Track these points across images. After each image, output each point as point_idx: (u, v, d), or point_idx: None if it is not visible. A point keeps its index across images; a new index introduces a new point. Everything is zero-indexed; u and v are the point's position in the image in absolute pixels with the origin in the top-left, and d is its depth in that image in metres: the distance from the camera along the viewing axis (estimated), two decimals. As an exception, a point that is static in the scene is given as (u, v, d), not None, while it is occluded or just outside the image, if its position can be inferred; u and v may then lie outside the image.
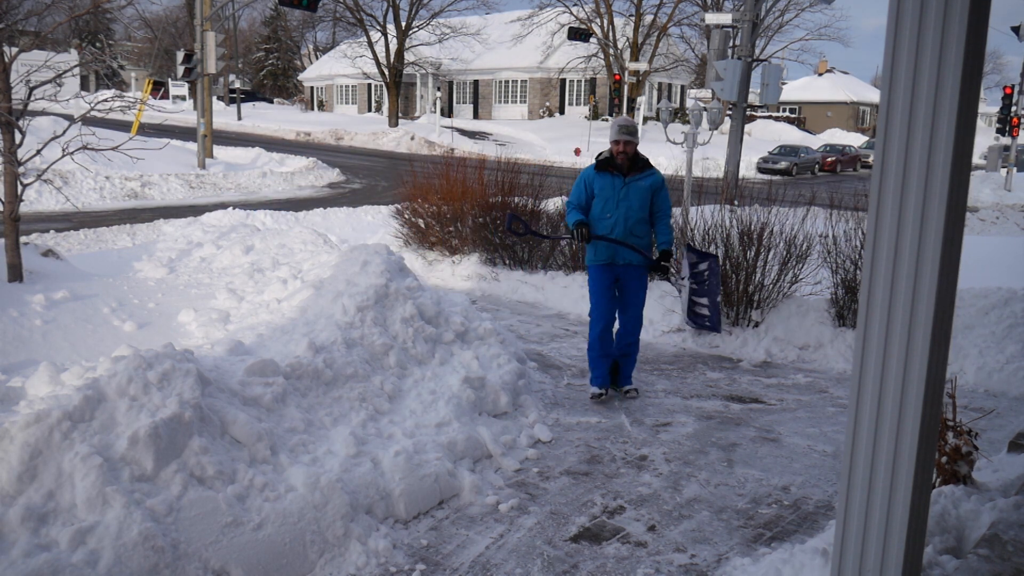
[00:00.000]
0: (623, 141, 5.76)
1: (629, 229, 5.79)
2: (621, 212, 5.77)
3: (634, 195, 5.79)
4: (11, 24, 9.23)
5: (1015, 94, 28.96)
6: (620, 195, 5.78)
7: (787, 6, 40.81)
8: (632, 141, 5.80)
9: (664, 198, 5.91)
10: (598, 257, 5.88)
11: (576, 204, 5.89)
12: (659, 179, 5.92)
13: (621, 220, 5.78)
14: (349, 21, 45.96)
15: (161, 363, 4.01)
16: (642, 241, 5.89)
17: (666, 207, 5.93)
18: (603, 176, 5.84)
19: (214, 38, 22.81)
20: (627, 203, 5.77)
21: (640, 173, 5.84)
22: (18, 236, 7.29)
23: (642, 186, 5.82)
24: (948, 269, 2.05)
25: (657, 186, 5.89)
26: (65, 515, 3.31)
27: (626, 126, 5.83)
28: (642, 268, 5.92)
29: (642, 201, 5.82)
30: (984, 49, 2.03)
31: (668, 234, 5.92)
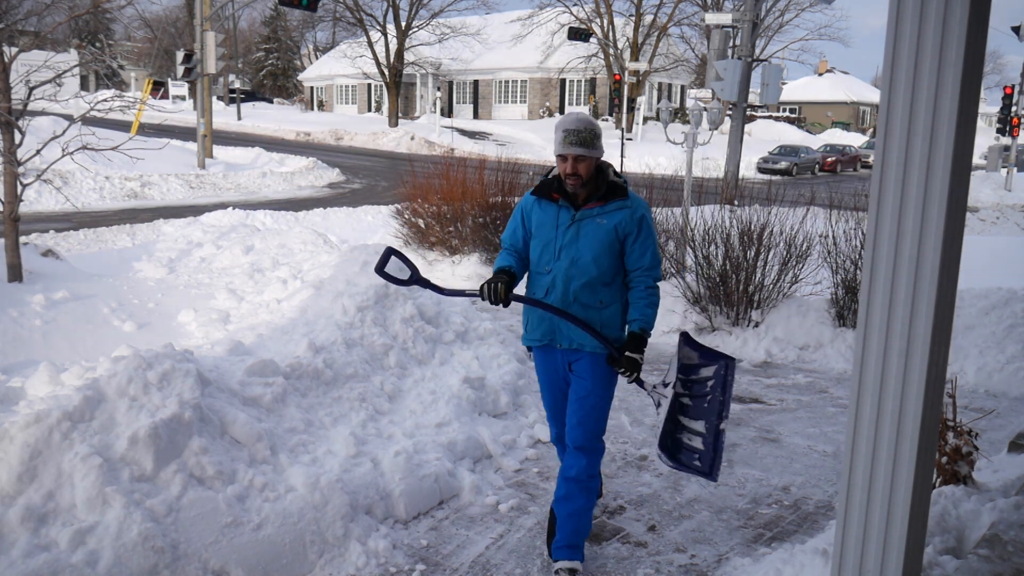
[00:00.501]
0: (572, 157, 3.48)
1: (573, 293, 3.56)
2: (563, 265, 3.55)
3: (587, 240, 3.54)
4: (11, 24, 9.23)
5: (1015, 94, 28.97)
6: (564, 238, 3.56)
7: (787, 6, 40.83)
8: (587, 156, 3.48)
9: (646, 245, 3.61)
10: (531, 334, 3.75)
11: (511, 246, 3.78)
12: (638, 214, 3.58)
13: (561, 278, 3.55)
14: (349, 21, 45.97)
15: (161, 363, 4.00)
16: (597, 314, 3.60)
17: (648, 261, 3.62)
18: (544, 207, 3.64)
19: (214, 38, 22.81)
20: (573, 252, 3.55)
21: (602, 205, 3.56)
22: (18, 236, 7.29)
23: (602, 226, 3.54)
24: (948, 269, 2.05)
25: (630, 227, 3.56)
26: (65, 515, 3.31)
27: (577, 131, 3.48)
28: (599, 357, 3.64)
29: (600, 250, 3.53)
30: (984, 49, 2.03)
31: (647, 308, 3.61)
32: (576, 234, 3.58)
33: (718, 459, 3.57)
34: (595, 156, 3.53)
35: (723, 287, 7.76)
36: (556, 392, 3.85)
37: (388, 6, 41.81)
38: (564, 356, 3.72)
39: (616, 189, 3.61)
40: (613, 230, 3.55)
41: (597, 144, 3.54)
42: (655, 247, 3.65)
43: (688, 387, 3.71)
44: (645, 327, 3.60)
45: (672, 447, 3.65)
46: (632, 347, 3.55)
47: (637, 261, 3.62)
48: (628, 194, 3.60)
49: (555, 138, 3.56)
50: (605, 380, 3.71)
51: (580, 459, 3.68)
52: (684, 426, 3.70)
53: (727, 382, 3.62)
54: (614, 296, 3.65)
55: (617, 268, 3.61)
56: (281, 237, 9.74)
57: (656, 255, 3.65)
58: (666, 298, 8.17)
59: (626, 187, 3.62)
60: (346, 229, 14.25)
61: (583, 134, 3.49)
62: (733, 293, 7.71)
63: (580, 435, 3.68)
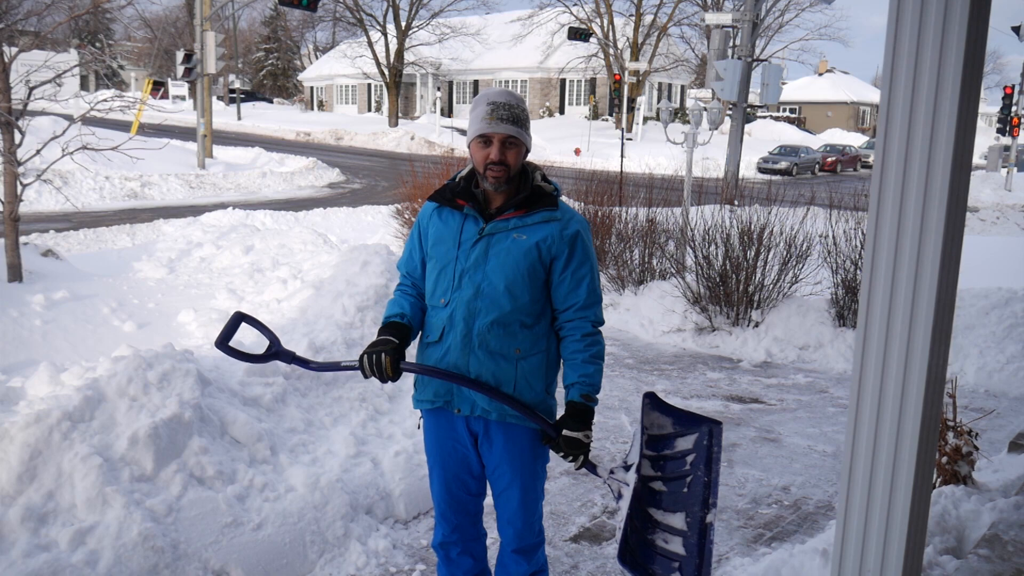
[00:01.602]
0: (500, 139, 2.56)
1: (478, 336, 2.59)
2: (464, 296, 2.61)
3: (499, 261, 2.59)
4: (11, 24, 9.24)
5: (1015, 94, 28.98)
6: (468, 259, 2.62)
7: (787, 6, 40.83)
8: (519, 140, 2.59)
9: (580, 274, 2.63)
10: (420, 393, 2.77)
11: (406, 275, 2.83)
12: (570, 230, 2.62)
13: (461, 313, 2.60)
14: (349, 21, 45.99)
15: (161, 363, 4.00)
16: (511, 367, 2.61)
17: (583, 296, 2.63)
18: (445, 218, 2.70)
19: (214, 38, 22.81)
20: (479, 277, 2.60)
21: (522, 215, 2.62)
22: (18, 236, 7.29)
23: (519, 243, 2.60)
24: (948, 269, 2.05)
25: (558, 248, 2.61)
26: (65, 515, 3.31)
27: (508, 104, 2.58)
28: (515, 429, 2.68)
29: (516, 275, 2.59)
30: (984, 49, 2.03)
31: (586, 364, 2.62)
32: (484, 253, 2.58)
33: (706, 566, 2.48)
34: (526, 144, 2.62)
35: (723, 287, 7.77)
36: (450, 476, 2.78)
37: (388, 6, 41.85)
38: (465, 426, 2.69)
39: (542, 196, 2.64)
40: (535, 249, 2.57)
41: (528, 128, 2.62)
42: (593, 278, 2.64)
43: (659, 467, 2.63)
44: (589, 393, 2.57)
45: (641, 555, 2.54)
46: (573, 422, 2.52)
47: (568, 296, 2.60)
48: (559, 203, 2.65)
49: (473, 116, 2.61)
50: (528, 459, 2.69)
51: (520, 564, 2.80)
52: (657, 522, 2.59)
53: (712, 455, 2.55)
54: (536, 343, 2.62)
55: (542, 303, 2.63)
56: (281, 237, 9.74)
57: (595, 289, 2.64)
58: (666, 298, 8.18)
59: (556, 195, 2.68)
60: (346, 229, 14.25)
61: (515, 109, 2.57)
62: (733, 293, 7.72)
63: (512, 535, 2.79)
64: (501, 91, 2.63)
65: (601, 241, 9.40)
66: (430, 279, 2.70)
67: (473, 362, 2.58)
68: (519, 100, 2.63)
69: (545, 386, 2.68)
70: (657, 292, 8.39)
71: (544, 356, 2.66)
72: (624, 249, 9.09)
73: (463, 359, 2.58)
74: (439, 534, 2.90)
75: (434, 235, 2.70)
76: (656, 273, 8.83)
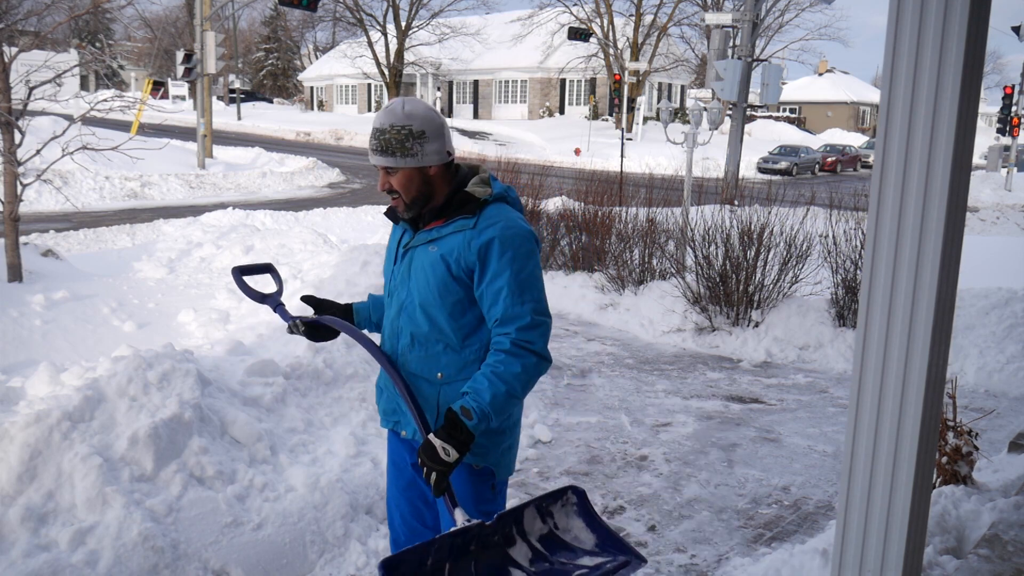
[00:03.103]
0: (380, 167, 2.38)
1: (401, 357, 2.47)
2: (391, 314, 2.52)
3: (418, 277, 2.43)
4: (11, 24, 9.24)
5: (1015, 94, 28.98)
6: (397, 276, 2.52)
7: (787, 6, 40.84)
8: (397, 168, 2.35)
9: (498, 285, 2.31)
10: (380, 408, 2.62)
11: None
12: (482, 238, 2.32)
13: (388, 332, 2.53)
14: (349, 21, 46.00)
15: (161, 363, 4.01)
16: (433, 391, 2.43)
17: (500, 309, 2.31)
18: (396, 231, 2.60)
19: (214, 38, 22.81)
20: (403, 294, 2.47)
21: (441, 224, 2.40)
22: (18, 236, 7.29)
23: (431, 256, 2.39)
24: (948, 269, 2.05)
25: (468, 258, 2.34)
26: (65, 515, 3.31)
27: (380, 130, 2.34)
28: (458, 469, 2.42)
29: (429, 293, 2.39)
30: (984, 49, 2.03)
31: (483, 378, 2.28)
32: (408, 268, 2.43)
33: None
34: (413, 167, 2.32)
35: (723, 287, 7.77)
36: (403, 501, 2.59)
37: (388, 6, 41.87)
38: (413, 452, 2.50)
39: (465, 203, 2.36)
40: (440, 263, 2.34)
41: (412, 149, 2.30)
42: (517, 287, 2.28)
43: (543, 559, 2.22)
44: (471, 407, 2.21)
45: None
46: (441, 430, 2.20)
47: (489, 312, 2.33)
48: (482, 210, 2.35)
49: None
50: (466, 503, 2.37)
51: None
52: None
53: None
54: (464, 369, 2.37)
55: (472, 325, 2.38)
56: (281, 237, 9.74)
57: (519, 301, 2.28)
58: (666, 298, 8.18)
59: (483, 199, 2.36)
60: (346, 229, 14.25)
61: (387, 135, 2.31)
62: (733, 293, 7.72)
63: None
64: (387, 111, 2.34)
65: (601, 241, 9.40)
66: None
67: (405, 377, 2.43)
68: (396, 119, 2.31)
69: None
70: (657, 292, 8.39)
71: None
72: (624, 249, 9.09)
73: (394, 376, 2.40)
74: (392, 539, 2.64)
75: (387, 254, 2.61)
76: (656, 273, 8.83)
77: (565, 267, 9.75)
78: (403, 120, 2.32)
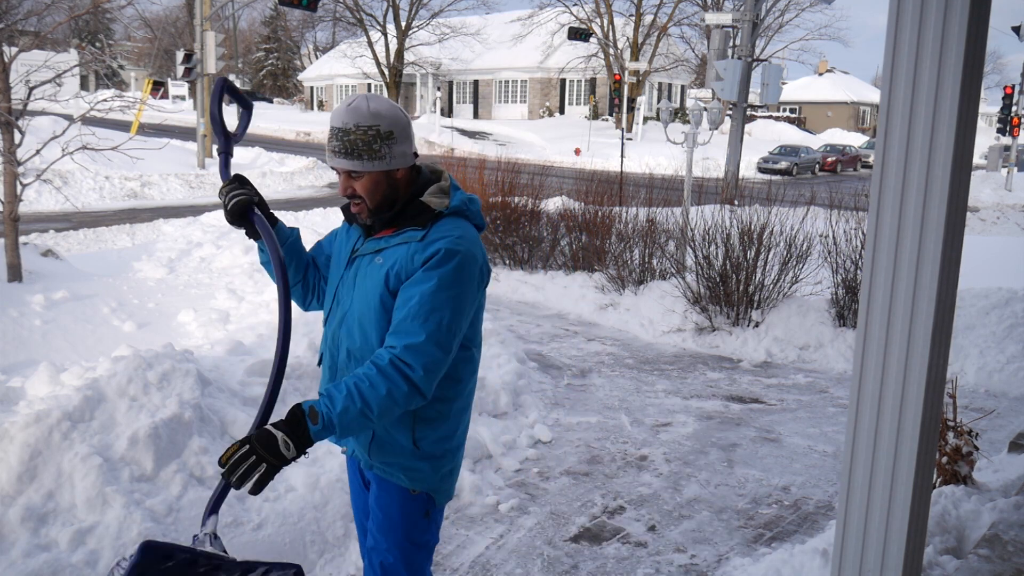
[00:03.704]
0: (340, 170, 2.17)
1: (340, 370, 2.32)
2: (332, 324, 2.34)
3: (361, 289, 2.25)
4: (11, 24, 9.24)
5: (1015, 94, 28.98)
6: (343, 283, 2.33)
7: (787, 6, 40.80)
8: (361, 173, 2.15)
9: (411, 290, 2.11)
10: None
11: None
12: (428, 250, 2.12)
13: (328, 343, 2.35)
14: (349, 21, 45.99)
15: (161, 363, 4.01)
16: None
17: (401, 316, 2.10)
18: (350, 234, 2.40)
19: (214, 38, 22.81)
20: (346, 304, 2.29)
21: (390, 234, 2.22)
22: (18, 236, 7.29)
23: (376, 269, 2.22)
24: (948, 269, 2.05)
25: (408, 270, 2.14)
26: (65, 515, 3.31)
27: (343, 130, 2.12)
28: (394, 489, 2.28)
29: (367, 307, 2.22)
30: (984, 49, 2.03)
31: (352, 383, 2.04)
32: (354, 277, 2.25)
33: None
34: (380, 171, 2.12)
35: (723, 287, 7.77)
36: (358, 525, 2.51)
37: (388, 6, 41.86)
38: (358, 468, 2.42)
39: (419, 213, 2.16)
40: (384, 279, 2.14)
41: (380, 152, 2.10)
42: (429, 303, 2.06)
43: None
44: (321, 411, 2.01)
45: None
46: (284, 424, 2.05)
47: (393, 317, 2.13)
48: (435, 223, 2.15)
49: None
50: (396, 528, 2.26)
51: None
52: None
53: None
54: None
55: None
56: (281, 237, 9.73)
57: (422, 318, 2.06)
58: (666, 298, 8.18)
59: (439, 211, 2.16)
60: (346, 229, 14.24)
61: (350, 136, 2.09)
62: (733, 293, 7.72)
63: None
64: (350, 109, 2.09)
65: (601, 241, 9.40)
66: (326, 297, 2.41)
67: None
68: (360, 117, 2.08)
69: (413, 440, 2.20)
70: (657, 292, 8.39)
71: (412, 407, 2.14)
72: (624, 249, 9.09)
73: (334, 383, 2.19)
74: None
75: (335, 252, 2.40)
76: (656, 273, 8.83)
77: (565, 267, 9.75)
78: (369, 120, 2.09)
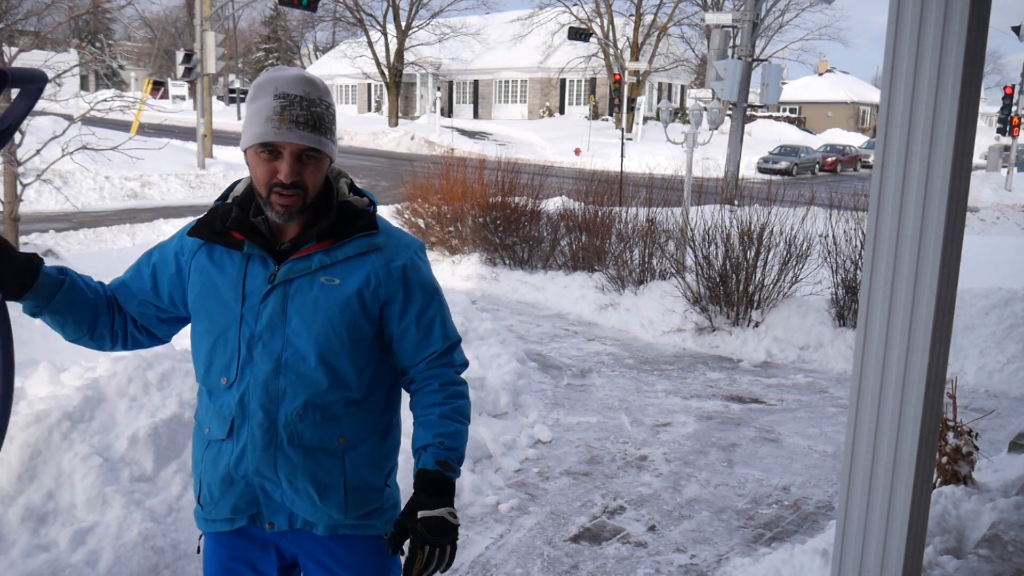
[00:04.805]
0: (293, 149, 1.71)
1: (287, 428, 1.79)
2: (261, 372, 1.78)
3: (305, 317, 1.78)
4: (11, 24, 9.24)
5: (1015, 94, 28.98)
6: (260, 319, 1.79)
7: (787, 6, 40.81)
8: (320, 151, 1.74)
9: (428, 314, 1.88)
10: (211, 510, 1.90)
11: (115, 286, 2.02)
12: (399, 260, 1.84)
13: (258, 398, 1.79)
14: (349, 21, 45.98)
15: (161, 363, 4.01)
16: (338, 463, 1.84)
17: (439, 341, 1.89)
18: (218, 260, 1.83)
19: (214, 38, 22.81)
20: (279, 344, 1.79)
21: (329, 247, 1.80)
22: (18, 236, 7.29)
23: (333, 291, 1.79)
24: (949, 269, 2.05)
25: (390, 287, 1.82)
26: (65, 515, 3.31)
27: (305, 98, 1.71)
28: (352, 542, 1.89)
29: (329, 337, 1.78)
30: (984, 49, 2.03)
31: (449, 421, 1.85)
32: (281, 308, 1.79)
33: None
34: (330, 156, 1.80)
35: (723, 287, 7.77)
36: None
37: (388, 6, 41.84)
38: (275, 551, 1.91)
39: (355, 216, 1.84)
40: (356, 300, 1.79)
41: (334, 132, 1.81)
42: (444, 316, 1.92)
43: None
44: (449, 460, 1.82)
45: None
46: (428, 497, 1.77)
47: (419, 348, 1.89)
48: (378, 223, 1.86)
49: (253, 110, 1.74)
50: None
51: None
52: None
53: None
54: (369, 424, 1.88)
55: (374, 368, 1.88)
56: (281, 237, 9.73)
57: (449, 330, 1.92)
58: (666, 298, 8.18)
59: (372, 211, 1.88)
60: (346, 229, 14.23)
61: (317, 107, 1.74)
62: (733, 293, 7.72)
63: None
64: (295, 76, 1.74)
65: (601, 241, 9.40)
66: (200, 348, 1.86)
67: (283, 464, 1.79)
68: (322, 91, 1.76)
69: (384, 476, 1.93)
70: (657, 292, 8.39)
71: (380, 439, 1.90)
72: (624, 249, 9.09)
73: (267, 461, 1.79)
74: None
75: (200, 284, 1.83)
76: (656, 273, 8.83)
77: (565, 267, 9.75)
78: (325, 95, 1.76)
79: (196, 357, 1.89)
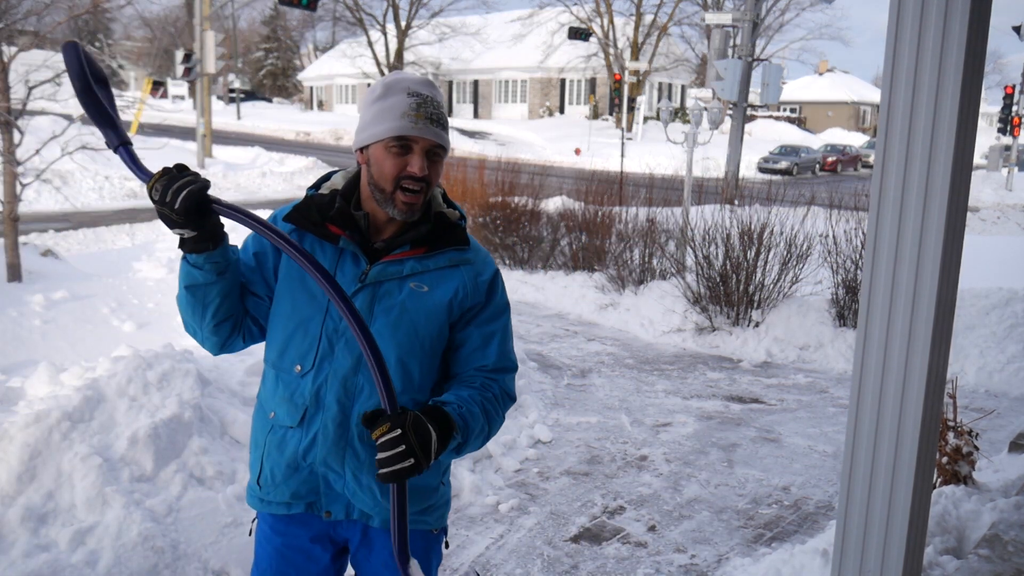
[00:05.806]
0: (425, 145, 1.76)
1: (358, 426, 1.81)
2: (341, 368, 1.80)
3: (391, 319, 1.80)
4: (11, 24, 9.24)
5: (1016, 94, 28.99)
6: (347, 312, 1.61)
7: (787, 6, 40.78)
8: (444, 149, 1.80)
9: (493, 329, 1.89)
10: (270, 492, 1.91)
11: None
12: (486, 274, 1.90)
13: (333, 393, 1.80)
14: (349, 21, 46.00)
15: (161, 363, 4.00)
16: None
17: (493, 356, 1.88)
18: (303, 244, 1.83)
19: (213, 38, 22.80)
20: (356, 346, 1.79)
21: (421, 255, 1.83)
22: (17, 236, 7.29)
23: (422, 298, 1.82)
24: (949, 269, 2.04)
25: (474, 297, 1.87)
26: (65, 515, 3.31)
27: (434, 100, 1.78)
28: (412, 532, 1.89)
29: (414, 344, 1.82)
30: (985, 49, 2.02)
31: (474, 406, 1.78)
32: (368, 308, 1.79)
33: None
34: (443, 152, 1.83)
35: (723, 287, 7.77)
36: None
37: (388, 6, 41.84)
38: (328, 537, 1.95)
39: (448, 228, 1.87)
40: (446, 310, 1.83)
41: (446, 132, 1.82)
42: (506, 338, 1.92)
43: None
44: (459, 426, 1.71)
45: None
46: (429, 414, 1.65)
47: (472, 356, 1.89)
48: (468, 238, 1.89)
49: (382, 108, 1.75)
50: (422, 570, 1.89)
51: None
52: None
53: None
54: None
55: (436, 369, 1.90)
56: (281, 237, 9.72)
57: (508, 353, 1.92)
58: (666, 298, 8.18)
59: (464, 225, 1.91)
60: (346, 229, 14.23)
61: (442, 108, 1.81)
62: (733, 293, 7.71)
63: None
64: (423, 79, 1.80)
65: (601, 241, 9.40)
66: (276, 331, 1.86)
67: (351, 458, 1.81)
68: (438, 94, 1.81)
69: (441, 475, 1.96)
70: (657, 292, 8.39)
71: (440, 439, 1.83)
72: (624, 249, 9.09)
73: (336, 454, 1.81)
74: None
75: (288, 269, 1.85)
76: (656, 273, 8.83)
77: (565, 267, 9.75)
78: (441, 97, 1.82)
79: (271, 338, 1.89)
